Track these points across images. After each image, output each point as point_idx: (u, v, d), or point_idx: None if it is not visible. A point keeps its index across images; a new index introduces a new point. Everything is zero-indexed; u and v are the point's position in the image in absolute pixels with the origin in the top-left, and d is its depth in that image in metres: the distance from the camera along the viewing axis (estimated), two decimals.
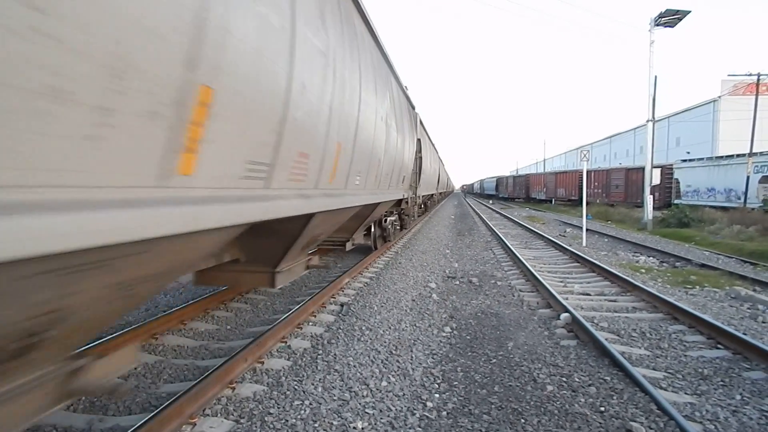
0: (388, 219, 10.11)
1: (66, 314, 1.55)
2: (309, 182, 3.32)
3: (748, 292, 6.88)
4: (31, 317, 1.39)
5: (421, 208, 22.46)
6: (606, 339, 4.54)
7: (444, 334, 4.84)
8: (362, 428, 2.94)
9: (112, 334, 4.05)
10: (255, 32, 2.06)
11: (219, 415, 3.02)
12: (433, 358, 4.17)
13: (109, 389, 1.99)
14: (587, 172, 13.33)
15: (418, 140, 11.73)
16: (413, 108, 10.82)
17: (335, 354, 4.13)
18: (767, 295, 6.80)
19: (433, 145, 20.42)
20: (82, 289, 1.52)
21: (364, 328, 4.89)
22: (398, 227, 11.71)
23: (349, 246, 7.63)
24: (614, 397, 3.42)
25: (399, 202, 10.18)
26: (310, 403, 3.22)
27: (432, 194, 23.74)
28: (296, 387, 3.47)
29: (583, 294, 6.78)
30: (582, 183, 13.37)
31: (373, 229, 9.25)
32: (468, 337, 4.77)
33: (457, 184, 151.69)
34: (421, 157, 12.62)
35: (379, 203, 7.00)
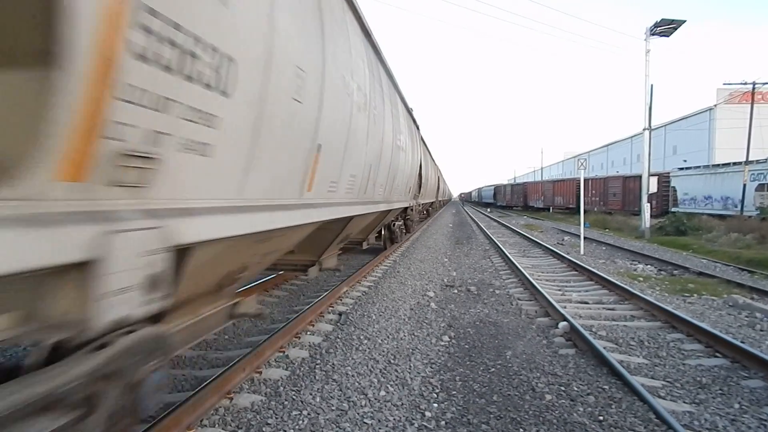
0: (396, 224, 11.60)
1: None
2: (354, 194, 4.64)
3: (745, 300, 6.89)
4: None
5: (424, 213, 24.50)
6: (604, 348, 4.54)
7: (442, 343, 4.84)
8: None
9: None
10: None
11: (217, 425, 3.01)
12: (431, 367, 4.17)
13: (256, 314, 3.36)
14: (584, 180, 13.38)
15: (420, 154, 12.81)
16: (418, 128, 12.00)
17: (333, 364, 4.13)
18: (765, 303, 6.81)
19: (431, 156, 21.29)
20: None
21: (362, 337, 4.88)
22: (404, 231, 13.42)
23: (365, 245, 9.02)
24: (613, 406, 3.42)
25: (405, 209, 11.66)
26: (308, 414, 3.21)
27: (432, 202, 25.23)
28: (294, 397, 3.46)
29: (582, 302, 6.78)
30: (579, 191, 13.43)
31: (383, 232, 11.00)
32: (466, 346, 4.77)
33: (455, 193, 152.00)
34: (421, 169, 13.50)
35: (389, 210, 8.14)
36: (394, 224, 11.49)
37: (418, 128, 12.16)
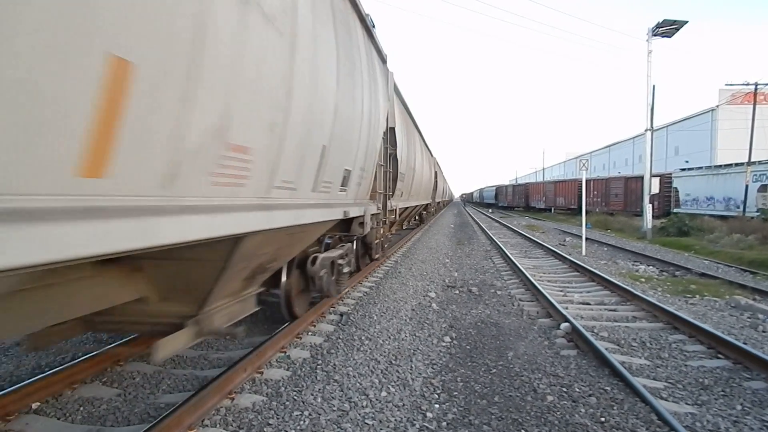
0: (320, 257, 4.83)
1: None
2: None
3: (748, 301, 6.87)
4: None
5: (415, 220, 18.79)
6: (606, 349, 4.53)
7: (444, 344, 4.83)
8: None
9: None
10: None
11: (218, 425, 3.01)
12: (432, 368, 4.16)
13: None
14: (586, 181, 13.37)
15: (393, 114, 7.56)
16: (383, 61, 6.49)
17: (335, 364, 4.12)
18: (767, 305, 6.79)
19: (422, 137, 15.69)
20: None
21: (363, 337, 4.88)
22: (350, 271, 6.26)
23: (189, 338, 2.88)
24: (615, 408, 3.41)
25: (348, 222, 5.42)
26: (310, 414, 3.21)
27: (426, 204, 19.20)
28: (295, 397, 3.46)
29: (583, 303, 6.77)
30: (581, 192, 13.41)
31: (283, 279, 4.59)
32: (468, 347, 4.76)
33: (456, 193, 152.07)
34: (394, 145, 8.10)
35: (237, 238, 2.53)
36: (315, 259, 4.73)
37: (384, 61, 6.51)
